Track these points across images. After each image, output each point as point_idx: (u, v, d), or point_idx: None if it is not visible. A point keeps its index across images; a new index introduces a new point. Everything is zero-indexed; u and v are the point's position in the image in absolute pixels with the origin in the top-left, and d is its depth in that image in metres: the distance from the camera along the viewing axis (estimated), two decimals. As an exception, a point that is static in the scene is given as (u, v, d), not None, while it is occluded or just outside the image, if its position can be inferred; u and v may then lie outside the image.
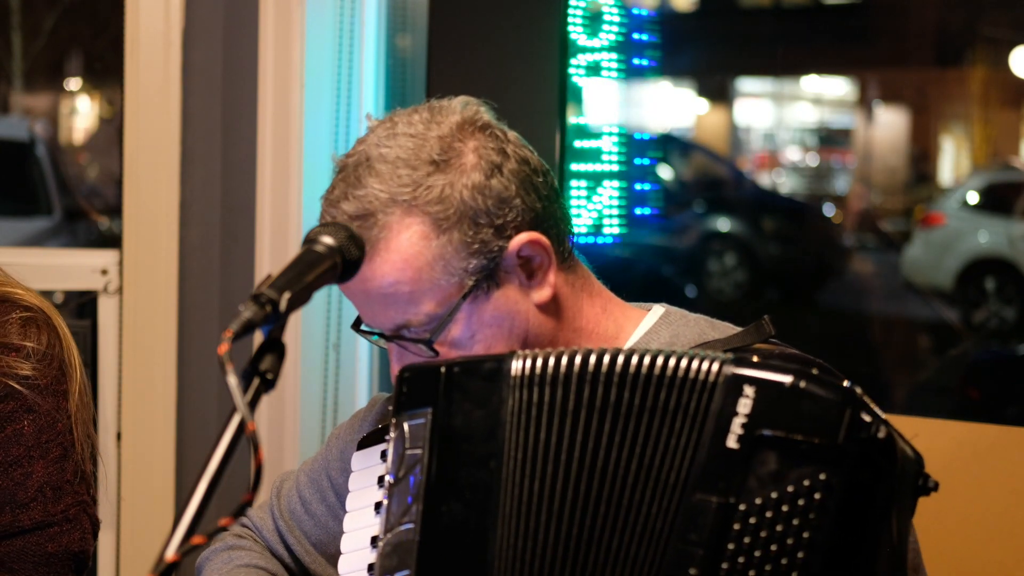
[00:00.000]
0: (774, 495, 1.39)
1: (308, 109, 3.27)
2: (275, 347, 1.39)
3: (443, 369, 1.52)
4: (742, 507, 1.40)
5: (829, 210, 13.03)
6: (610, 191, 3.12)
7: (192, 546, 1.26)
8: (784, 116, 17.40)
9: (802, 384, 1.41)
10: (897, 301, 10.21)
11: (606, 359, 1.47)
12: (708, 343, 1.70)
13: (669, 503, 1.44)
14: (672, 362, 1.46)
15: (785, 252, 10.93)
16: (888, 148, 15.22)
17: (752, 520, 1.40)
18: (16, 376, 1.91)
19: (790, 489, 1.39)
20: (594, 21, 3.07)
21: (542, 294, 1.66)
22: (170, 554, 1.25)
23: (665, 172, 11.10)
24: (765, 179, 15.25)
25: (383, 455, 1.66)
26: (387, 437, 1.62)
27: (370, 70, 3.38)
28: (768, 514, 1.39)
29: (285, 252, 3.25)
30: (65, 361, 1.97)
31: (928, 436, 2.68)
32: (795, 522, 1.38)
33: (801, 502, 1.38)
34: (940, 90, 14.24)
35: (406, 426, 1.53)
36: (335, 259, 1.51)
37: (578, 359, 1.48)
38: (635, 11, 3.18)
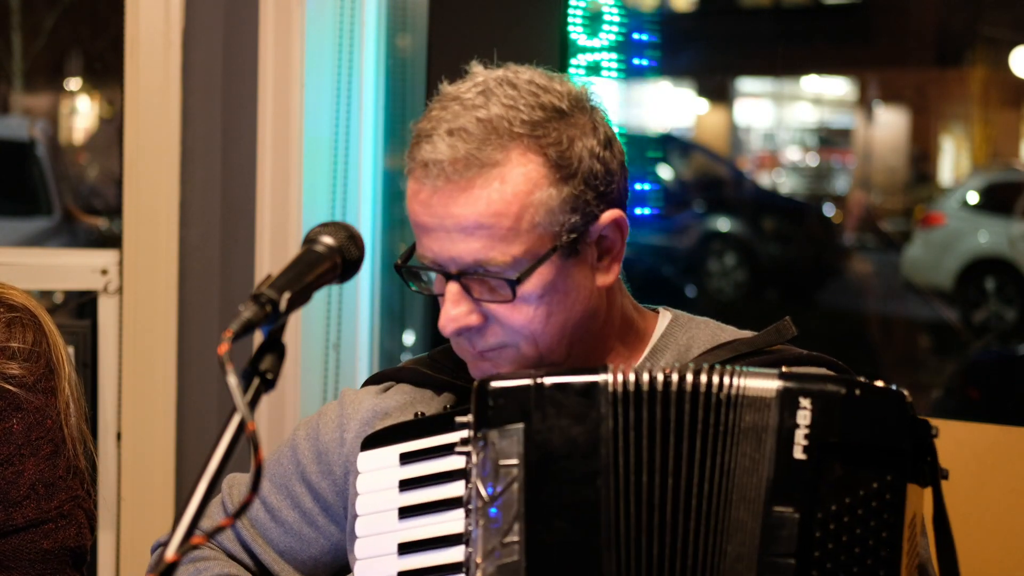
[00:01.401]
0: (848, 500, 1.45)
1: (308, 109, 3.27)
2: (275, 347, 1.39)
3: (533, 382, 1.51)
4: (819, 515, 1.45)
5: (829, 210, 13.03)
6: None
7: (192, 546, 1.26)
8: (784, 116, 17.40)
9: (856, 391, 1.47)
10: (897, 301, 10.21)
11: (688, 378, 1.51)
12: (731, 343, 1.71)
13: (753, 519, 1.47)
14: (731, 381, 1.50)
15: (785, 252, 10.93)
16: (888, 148, 15.22)
17: (832, 527, 1.45)
18: (3, 375, 1.91)
19: (861, 493, 1.44)
20: (594, 21, 3.07)
21: (608, 277, 1.66)
22: (170, 554, 1.25)
23: (665, 172, 11.10)
24: (765, 179, 15.24)
25: (403, 457, 1.63)
26: (420, 446, 1.61)
27: (370, 70, 3.38)
28: (846, 519, 1.44)
29: (285, 252, 3.24)
30: (53, 359, 1.97)
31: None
32: (872, 523, 1.44)
33: (874, 504, 1.44)
34: (940, 90, 14.24)
35: (496, 441, 1.51)
36: (335, 259, 1.51)
37: (674, 378, 1.51)
38: (635, 11, 3.18)
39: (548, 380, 1.51)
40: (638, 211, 3.18)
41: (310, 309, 3.23)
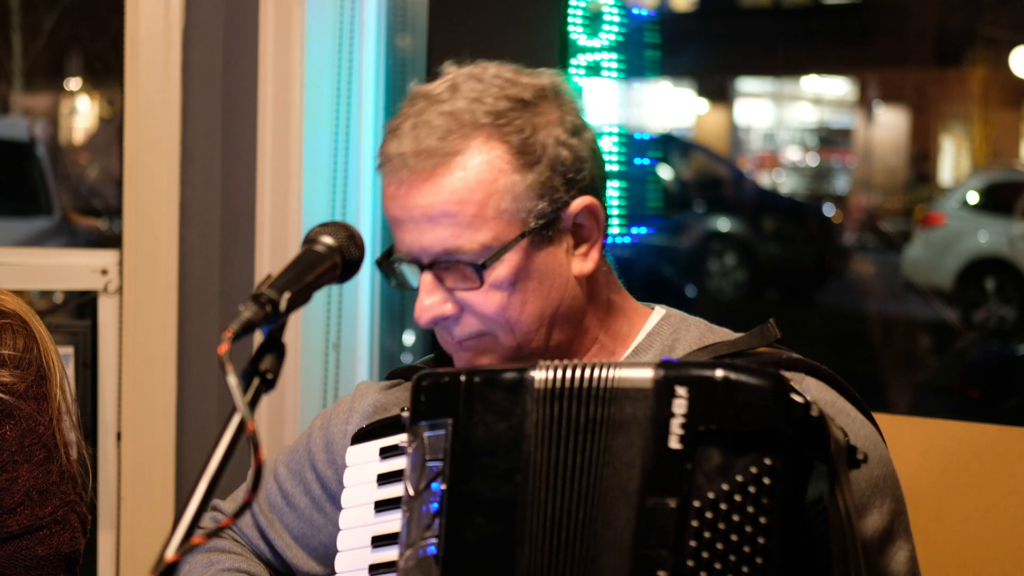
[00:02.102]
0: (725, 487, 1.41)
1: (308, 109, 3.27)
2: (275, 347, 1.39)
3: (464, 378, 1.51)
4: (696, 504, 1.42)
5: (829, 210, 13.03)
6: (610, 191, 3.12)
7: (192, 546, 1.26)
8: (784, 116, 17.40)
9: (732, 376, 1.44)
10: (897, 301, 10.21)
11: (555, 374, 1.49)
12: (712, 345, 1.71)
13: (628, 510, 1.45)
14: (611, 373, 1.48)
15: (785, 252, 10.93)
16: (888, 148, 15.22)
17: (708, 515, 1.41)
18: None
19: (739, 479, 1.41)
20: (594, 21, 3.07)
21: (585, 266, 1.66)
22: (170, 554, 1.25)
23: (665, 172, 11.10)
24: (765, 179, 15.25)
25: (382, 452, 1.64)
26: (396, 442, 1.62)
27: (370, 70, 3.38)
28: (723, 506, 1.41)
29: (285, 252, 3.24)
30: (43, 364, 1.97)
31: (928, 436, 2.69)
32: (750, 509, 1.40)
33: (752, 489, 1.41)
34: (940, 90, 14.24)
35: (425, 436, 1.51)
36: (335, 259, 1.51)
37: (588, 374, 1.49)
38: (635, 11, 3.18)
39: (479, 376, 1.52)
40: (638, 211, 3.18)
41: (310, 309, 3.23)
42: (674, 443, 1.43)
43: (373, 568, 1.61)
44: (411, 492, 1.51)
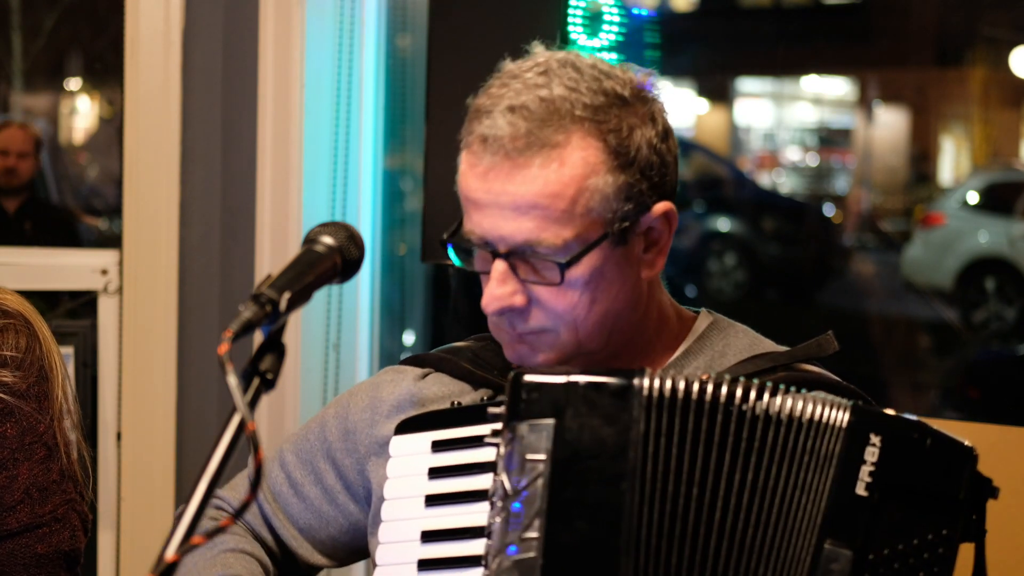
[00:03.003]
0: (901, 547, 1.42)
1: (308, 109, 3.27)
2: (275, 347, 1.39)
3: (567, 380, 1.49)
4: (871, 556, 1.42)
5: (829, 210, 13.03)
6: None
7: (192, 546, 1.26)
8: (784, 116, 17.40)
9: (928, 440, 1.44)
10: (897, 301, 10.21)
11: (739, 392, 1.48)
12: (770, 355, 1.70)
13: (801, 548, 1.45)
14: (801, 405, 1.47)
15: (785, 252, 10.93)
16: (888, 148, 15.22)
17: (881, 570, 1.42)
18: None
19: (915, 542, 1.42)
20: (594, 21, 3.07)
21: (652, 270, 1.65)
22: (170, 554, 1.25)
23: (665, 172, 11.06)
24: (765, 179, 15.24)
25: (435, 445, 1.62)
26: (453, 435, 1.60)
27: (370, 70, 3.38)
28: (895, 565, 1.42)
29: (285, 252, 3.25)
30: (45, 363, 1.97)
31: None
32: (920, 574, 1.42)
33: (926, 555, 1.42)
34: (940, 90, 14.24)
35: (526, 435, 1.49)
36: (335, 259, 1.51)
37: (709, 388, 1.48)
38: (635, 11, 3.18)
39: (583, 378, 1.49)
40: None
41: (310, 309, 3.23)
42: (861, 489, 1.44)
43: (423, 564, 1.58)
44: (508, 490, 1.48)
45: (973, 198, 10.28)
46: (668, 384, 1.49)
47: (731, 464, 1.47)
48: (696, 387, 1.48)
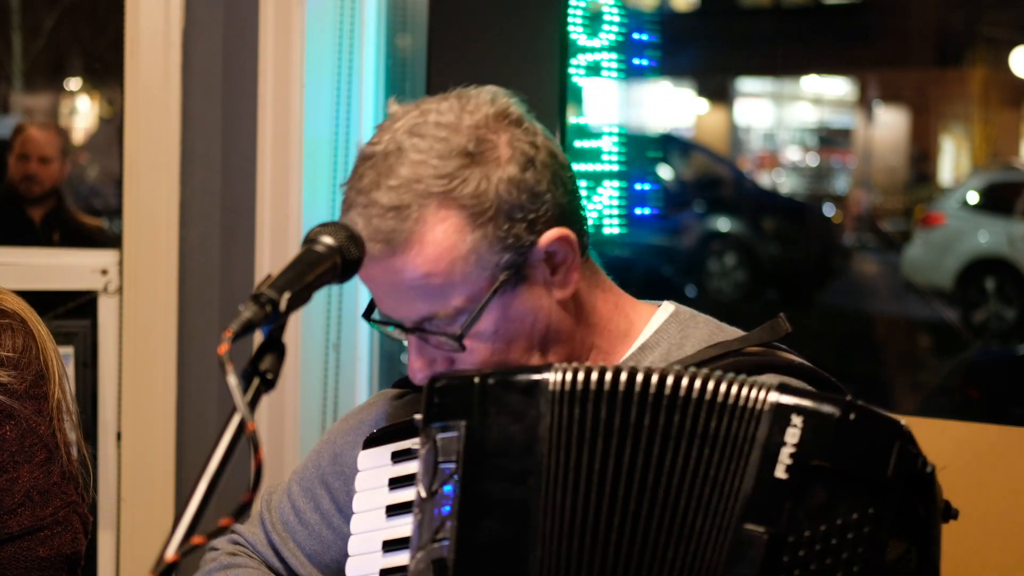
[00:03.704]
0: (823, 527, 1.38)
1: (308, 109, 3.27)
2: (275, 347, 1.39)
3: (477, 380, 1.50)
4: (791, 539, 1.39)
5: (829, 210, 13.03)
6: (610, 191, 3.12)
7: (192, 546, 1.26)
8: (784, 116, 17.40)
9: (851, 416, 1.40)
10: (897, 301, 10.21)
11: (654, 379, 1.46)
12: (722, 343, 1.69)
13: (719, 533, 1.43)
14: (720, 387, 1.45)
15: (785, 252, 10.93)
16: (888, 148, 15.22)
17: (801, 553, 1.39)
18: None
19: (839, 522, 1.38)
20: (594, 21, 3.07)
21: (565, 291, 1.64)
22: (170, 554, 1.25)
23: (665, 172, 11.10)
24: (765, 179, 15.25)
25: (394, 456, 1.63)
26: (409, 446, 1.60)
27: (370, 70, 3.38)
28: (817, 547, 1.38)
29: (285, 252, 3.25)
30: (43, 364, 1.97)
31: (928, 436, 2.68)
32: (844, 556, 1.38)
33: (850, 535, 1.38)
34: (940, 90, 14.24)
35: (438, 438, 1.50)
36: (335, 259, 1.51)
37: (623, 377, 1.47)
38: (635, 11, 3.18)
39: (493, 378, 1.50)
40: (638, 211, 3.18)
41: (310, 309, 3.23)
42: (781, 472, 1.41)
43: (384, 573, 1.60)
44: (423, 494, 1.50)
45: (973, 198, 10.28)
46: (579, 375, 1.48)
47: (645, 452, 1.46)
48: (608, 377, 1.47)
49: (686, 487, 1.45)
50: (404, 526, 1.59)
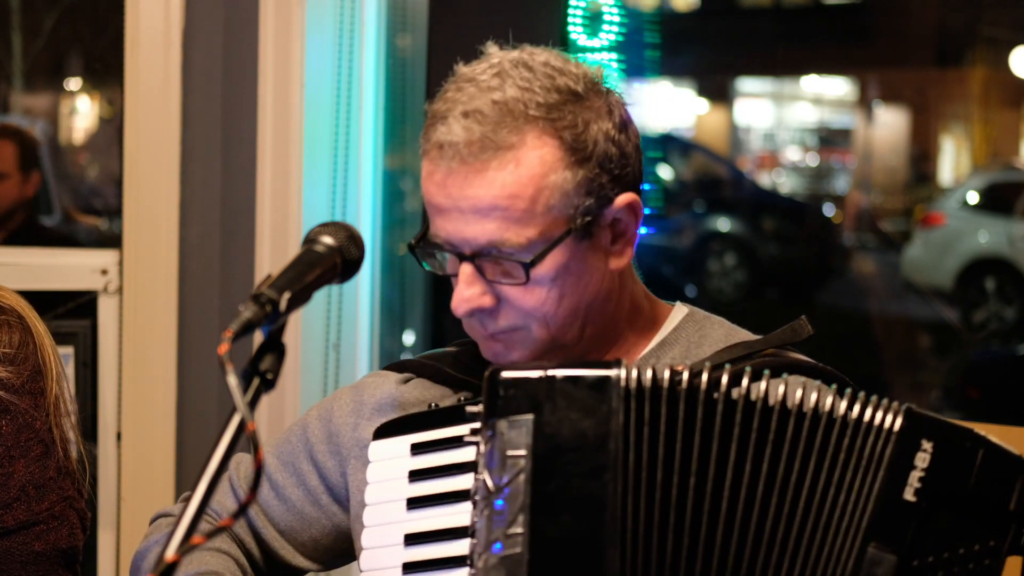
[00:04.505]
0: (946, 555, 1.40)
1: (308, 109, 3.27)
2: (275, 347, 1.39)
3: (543, 374, 1.49)
4: (915, 563, 1.40)
5: (829, 210, 13.04)
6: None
7: (192, 546, 1.26)
8: (784, 116, 17.41)
9: (980, 449, 1.42)
10: (897, 301, 10.22)
11: (761, 385, 1.46)
12: (745, 343, 1.70)
13: (841, 550, 1.44)
14: (842, 404, 1.46)
15: (785, 252, 10.93)
16: (888, 148, 15.23)
17: None
18: None
19: (962, 551, 1.40)
20: (594, 21, 3.07)
21: (621, 261, 1.65)
22: (170, 554, 1.25)
23: (665, 172, 11.11)
24: (765, 179, 15.26)
25: (414, 448, 1.62)
26: (433, 437, 1.59)
27: (370, 70, 3.38)
28: (940, 573, 1.40)
29: (285, 252, 3.24)
30: (40, 360, 1.97)
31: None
32: None
33: (971, 566, 1.39)
34: (940, 90, 14.24)
35: (506, 431, 1.48)
36: (335, 259, 1.51)
37: (703, 377, 1.47)
38: (635, 11, 3.18)
39: (560, 372, 1.49)
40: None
41: (310, 309, 3.23)
42: (909, 495, 1.41)
43: (408, 567, 1.58)
44: (490, 488, 1.48)
45: (973, 198, 10.29)
46: (647, 374, 1.48)
47: (754, 459, 1.46)
48: (686, 376, 1.47)
49: (800, 498, 1.45)
50: (427, 519, 1.58)
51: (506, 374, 1.50)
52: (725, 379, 1.47)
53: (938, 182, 14.40)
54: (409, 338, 3.74)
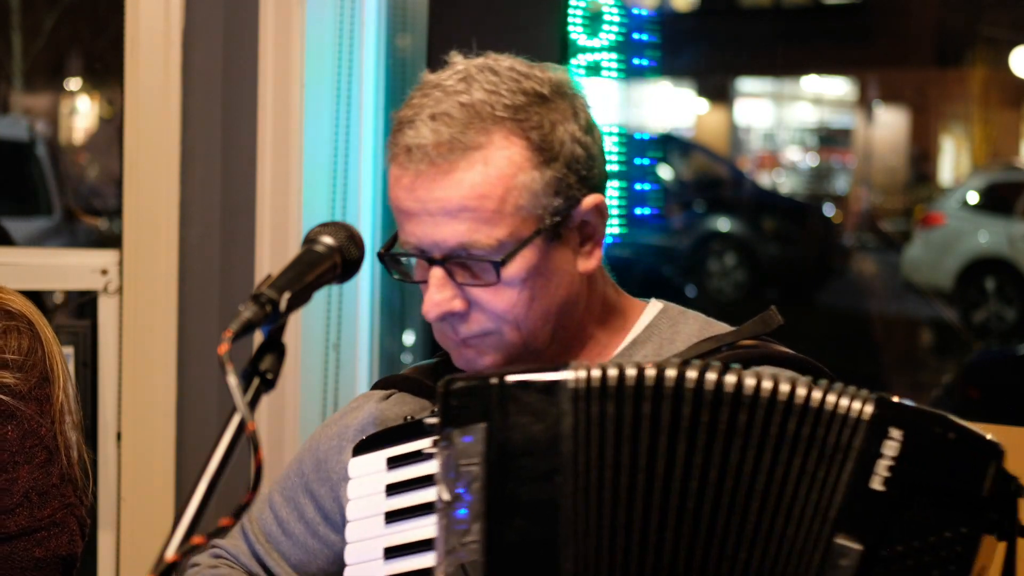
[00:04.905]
0: (915, 544, 1.38)
1: (308, 109, 3.27)
2: (275, 347, 1.39)
3: (495, 380, 1.49)
4: (884, 553, 1.38)
5: (829, 210, 13.04)
6: (610, 191, 3.12)
7: (192, 546, 1.26)
8: (784, 116, 17.42)
9: (950, 434, 1.40)
10: (897, 301, 10.22)
11: (710, 376, 1.45)
12: (716, 336, 1.70)
13: (806, 541, 1.42)
14: (813, 393, 1.44)
15: (785, 252, 10.94)
16: (888, 148, 15.23)
17: (893, 567, 1.38)
18: None
19: (932, 539, 1.37)
20: (594, 21, 3.07)
21: (590, 263, 1.66)
22: (170, 554, 1.25)
23: (665, 172, 11.12)
24: (765, 179, 15.26)
25: (390, 462, 1.62)
26: (407, 450, 1.59)
27: (370, 70, 3.38)
28: (908, 562, 1.38)
29: (285, 252, 3.24)
30: (47, 366, 1.97)
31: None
32: (935, 573, 1.37)
33: (943, 553, 1.37)
34: (940, 90, 14.25)
35: (459, 441, 1.49)
36: (335, 259, 1.51)
37: (648, 373, 1.46)
38: (635, 11, 3.18)
39: (511, 378, 1.49)
40: (638, 211, 3.18)
41: (310, 309, 3.23)
42: (877, 484, 1.39)
43: None
44: (446, 498, 1.48)
45: (973, 198, 10.29)
46: (596, 373, 1.47)
47: (704, 451, 1.44)
48: (632, 373, 1.46)
49: (759, 489, 1.44)
50: (405, 532, 1.58)
51: (457, 384, 1.51)
52: (673, 373, 1.45)
53: (938, 182, 14.41)
54: (409, 338, 3.74)
